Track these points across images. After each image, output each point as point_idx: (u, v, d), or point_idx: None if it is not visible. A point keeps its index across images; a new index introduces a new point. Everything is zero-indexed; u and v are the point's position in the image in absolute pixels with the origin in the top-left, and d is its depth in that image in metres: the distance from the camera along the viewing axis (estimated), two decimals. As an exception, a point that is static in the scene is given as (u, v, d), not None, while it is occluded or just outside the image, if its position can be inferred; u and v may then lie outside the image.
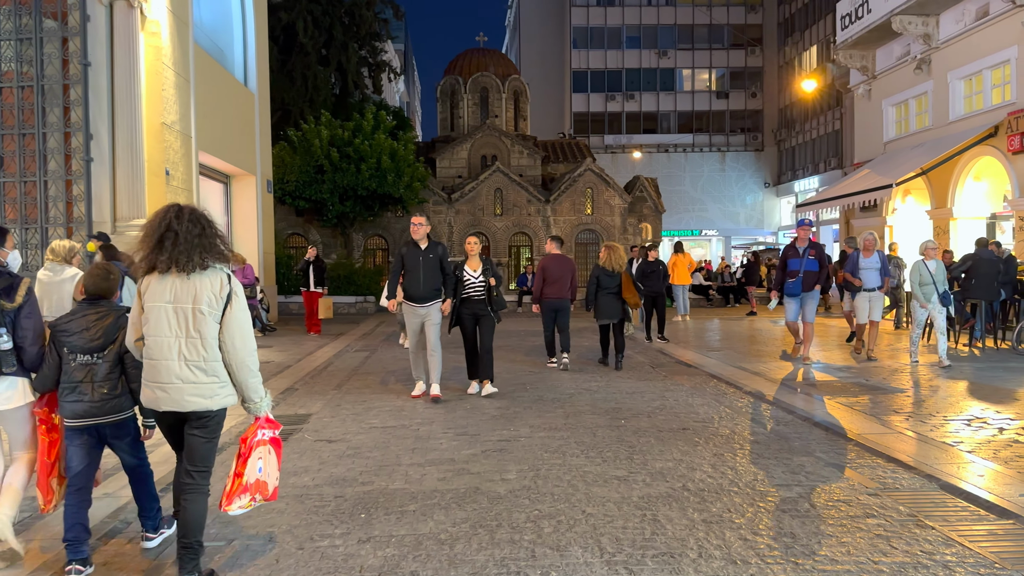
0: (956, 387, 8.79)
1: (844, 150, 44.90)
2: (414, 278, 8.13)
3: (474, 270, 8.54)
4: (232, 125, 16.25)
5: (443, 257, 8.23)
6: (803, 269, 10.27)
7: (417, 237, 8.21)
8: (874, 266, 10.90)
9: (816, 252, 10.42)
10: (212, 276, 3.60)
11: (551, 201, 27.82)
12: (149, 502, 4.09)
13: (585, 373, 10.22)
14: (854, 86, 19.54)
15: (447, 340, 9.27)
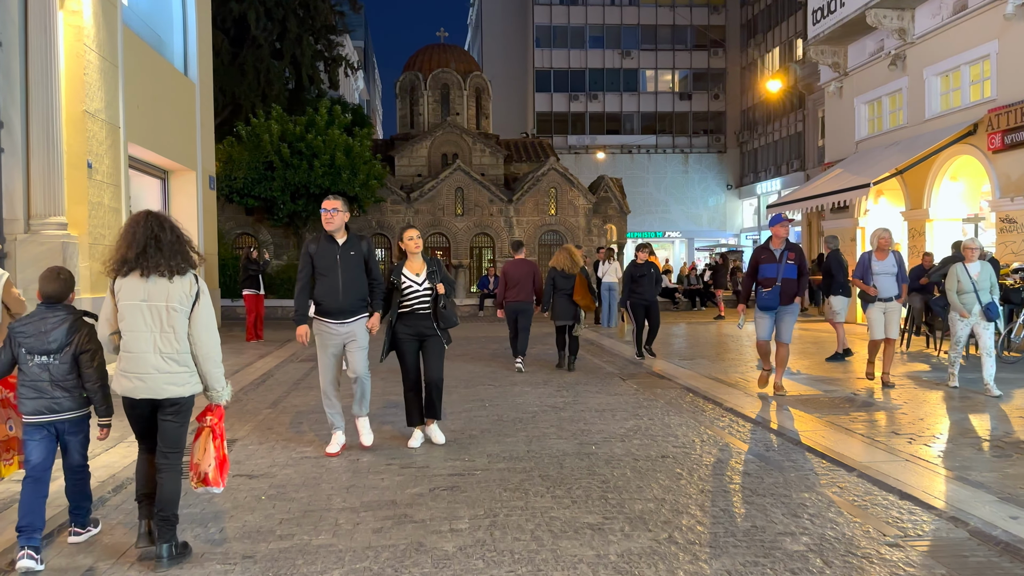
0: (943, 400, 8.09)
1: (807, 152, 44.84)
2: (329, 285, 6.00)
3: (416, 274, 6.31)
4: (170, 116, 15.06)
5: (368, 255, 6.18)
6: (780, 276, 8.04)
7: (331, 228, 6.02)
8: (890, 270, 8.86)
9: (796, 256, 8.18)
10: (183, 277, 3.96)
11: (514, 201, 26.96)
12: (83, 500, 4.29)
13: (549, 386, 9.34)
14: (824, 84, 19.00)
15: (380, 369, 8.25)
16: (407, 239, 6.34)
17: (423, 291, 6.28)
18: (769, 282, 8.14)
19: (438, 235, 26.99)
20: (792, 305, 8.21)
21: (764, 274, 8.23)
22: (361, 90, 69.78)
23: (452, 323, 6.38)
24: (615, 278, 16.87)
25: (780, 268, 8.15)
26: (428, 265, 6.39)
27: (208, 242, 17.00)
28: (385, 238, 26.69)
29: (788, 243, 8.33)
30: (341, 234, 6.09)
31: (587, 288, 10.55)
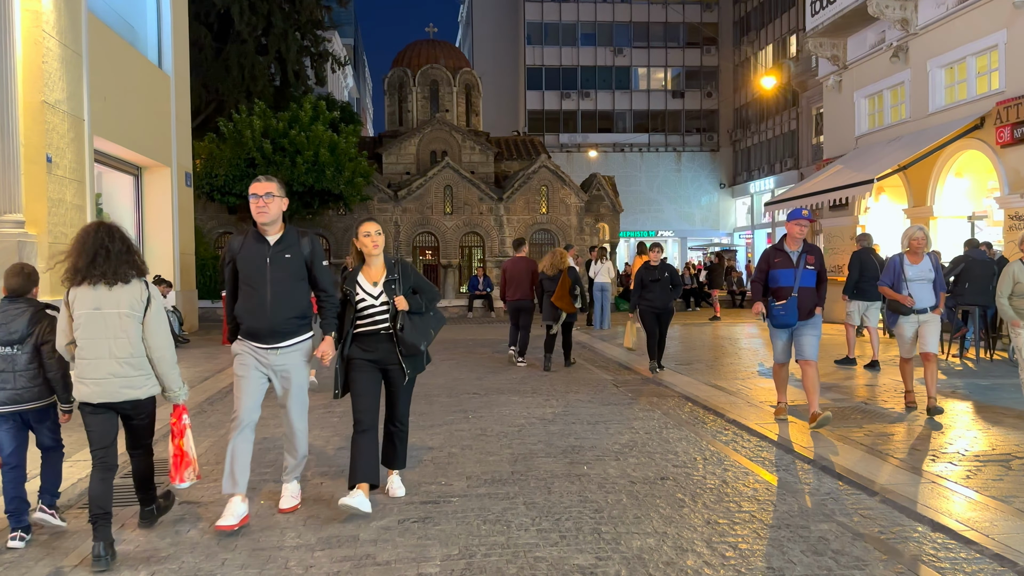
0: (969, 412, 7.51)
1: (800, 151, 44.42)
2: (254, 298, 4.46)
3: (373, 283, 4.75)
4: (142, 110, 14.39)
5: (313, 258, 4.62)
6: (798, 285, 6.72)
7: (265, 219, 4.50)
8: (925, 276, 7.28)
9: (815, 259, 6.87)
10: (133, 284, 4.09)
11: (504, 199, 26.35)
12: (55, 480, 4.48)
13: (539, 395, 8.72)
14: (823, 77, 18.44)
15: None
16: (362, 236, 4.79)
17: (380, 306, 4.72)
18: (784, 292, 6.75)
19: (426, 234, 26.35)
20: (813, 319, 6.81)
21: (778, 282, 6.80)
22: (351, 88, 69.04)
23: (414, 349, 4.71)
24: (607, 278, 16.28)
25: (797, 275, 6.74)
26: (388, 271, 4.79)
27: (184, 241, 16.32)
28: (372, 237, 26.05)
29: (806, 243, 6.90)
30: (276, 228, 4.55)
31: (565, 290, 10.50)
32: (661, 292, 9.85)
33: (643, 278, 9.91)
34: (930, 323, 7.35)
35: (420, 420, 7.38)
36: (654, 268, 9.94)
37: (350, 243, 5.33)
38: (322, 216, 25.15)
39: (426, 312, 4.86)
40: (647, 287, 9.88)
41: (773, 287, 6.89)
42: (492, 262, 26.23)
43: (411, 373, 4.82)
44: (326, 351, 4.68)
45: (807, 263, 6.80)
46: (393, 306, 4.71)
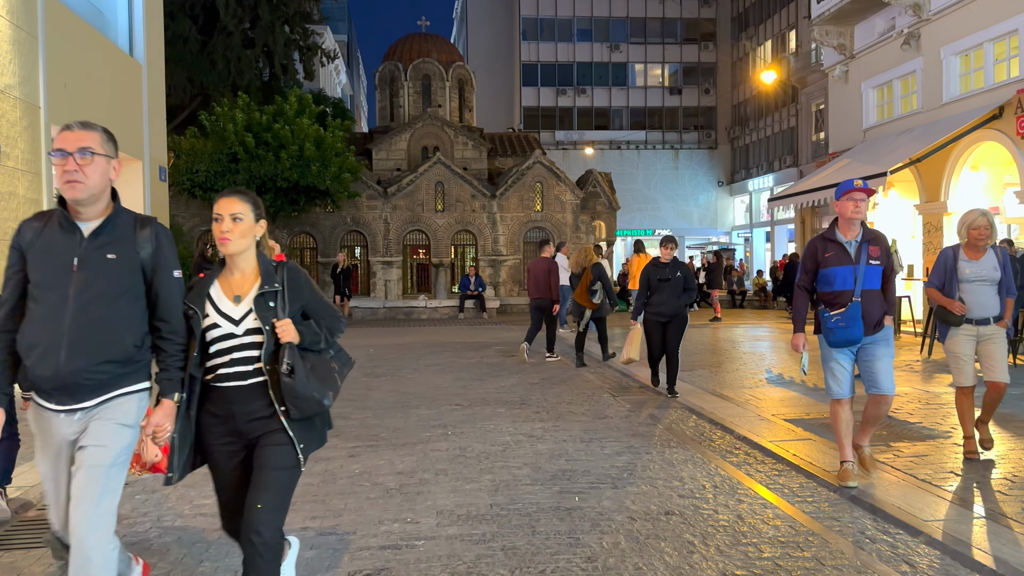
0: (1006, 425, 6.73)
1: (800, 148, 43.71)
2: (43, 320, 2.80)
3: (234, 297, 2.96)
4: (110, 99, 13.56)
5: (156, 263, 2.92)
6: (860, 286, 4.92)
7: (76, 194, 2.77)
8: (987, 275, 5.57)
9: (880, 250, 5.01)
10: None
11: (497, 196, 25.54)
12: (9, 465, 4.52)
13: (528, 407, 7.93)
14: (829, 67, 17.68)
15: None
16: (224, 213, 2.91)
17: (246, 337, 2.91)
18: (841, 298, 4.93)
19: (417, 232, 25.54)
20: (883, 331, 5.00)
21: (832, 284, 4.98)
22: (344, 84, 68.21)
23: (311, 406, 2.91)
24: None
25: (858, 272, 4.90)
26: (264, 279, 2.95)
27: (158, 239, 15.48)
28: (361, 236, 25.23)
29: (865, 229, 5.04)
30: (96, 209, 2.85)
31: (585, 287, 10.27)
32: (671, 295, 8.26)
33: (650, 278, 8.37)
34: (994, 339, 5.61)
35: (393, 437, 6.59)
36: (664, 266, 8.37)
37: (337, 242, 4.26)
38: (308, 213, 24.33)
39: (325, 350, 3.05)
40: (655, 289, 8.34)
41: (825, 292, 5.05)
42: (485, 261, 25.43)
43: (303, 449, 2.91)
44: (158, 421, 2.83)
45: (870, 256, 4.92)
46: (271, 336, 2.87)
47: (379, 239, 25.15)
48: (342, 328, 3.13)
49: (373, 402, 8.25)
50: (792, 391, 8.59)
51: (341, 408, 7.89)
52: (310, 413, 2.92)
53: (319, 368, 2.97)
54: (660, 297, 8.35)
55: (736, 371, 10.14)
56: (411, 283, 25.91)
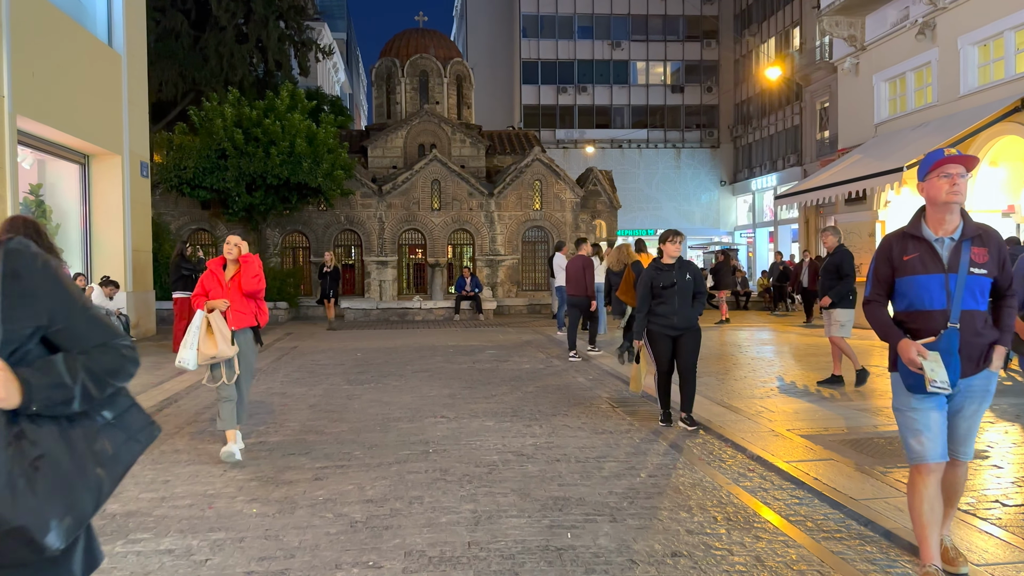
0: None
1: (804, 146, 43.04)
2: None
3: None
4: (86, 91, 12.93)
5: None
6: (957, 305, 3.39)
7: None
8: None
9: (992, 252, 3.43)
10: None
11: (495, 195, 24.88)
12: None
13: (520, 419, 7.27)
14: (839, 60, 17.00)
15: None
16: None
17: None
18: (929, 322, 3.45)
19: (413, 231, 24.88)
20: (985, 373, 3.49)
21: (914, 299, 3.50)
22: (343, 82, 67.60)
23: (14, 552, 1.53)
24: (602, 278, 14.82)
25: (955, 285, 3.39)
26: None
27: (138, 237, 14.85)
28: (355, 235, 24.56)
29: (968, 222, 3.45)
30: None
31: (630, 284, 9.65)
32: (681, 303, 6.70)
33: (653, 284, 6.79)
34: None
35: (368, 456, 5.93)
36: (668, 268, 6.75)
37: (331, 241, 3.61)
38: (301, 212, 23.68)
39: (91, 414, 1.73)
40: (658, 296, 6.77)
41: (905, 312, 3.56)
42: (482, 261, 24.77)
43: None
44: None
45: (974, 260, 3.39)
46: None
47: (374, 238, 24.50)
48: (129, 367, 1.78)
49: (352, 414, 7.60)
50: (806, 402, 7.93)
51: (315, 421, 7.25)
52: (8, 562, 1.55)
53: (55, 461, 1.60)
54: (668, 306, 6.70)
55: (744, 379, 9.48)
56: (407, 283, 25.26)
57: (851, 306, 8.77)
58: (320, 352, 12.85)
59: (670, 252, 6.81)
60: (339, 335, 15.99)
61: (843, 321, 8.80)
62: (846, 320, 8.81)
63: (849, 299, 8.77)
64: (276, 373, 10.49)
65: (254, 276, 5.96)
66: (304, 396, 8.66)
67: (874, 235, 15.55)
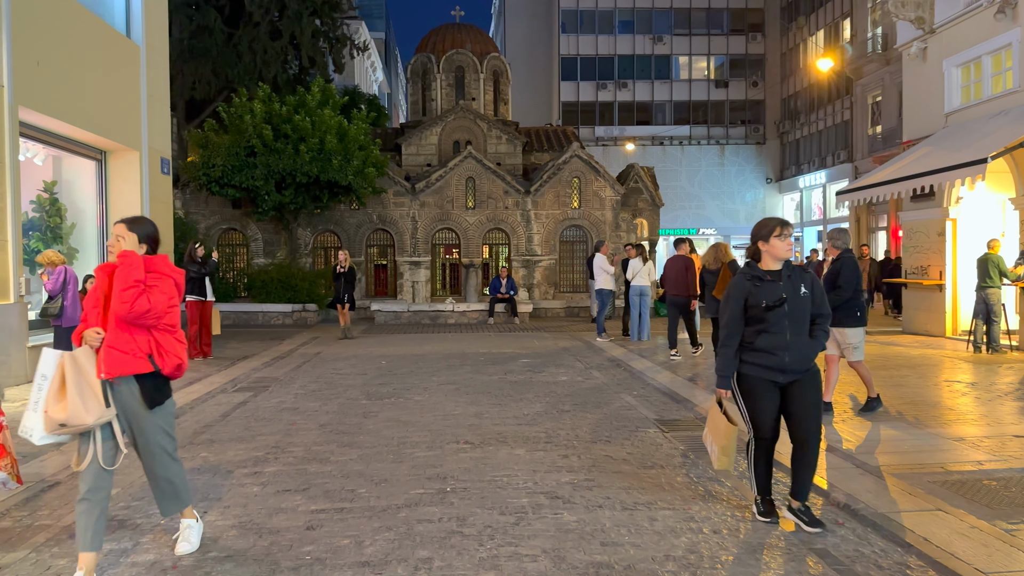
0: None
1: (855, 142, 41.28)
2: None
3: None
4: (101, 83, 12.28)
5: None
6: None
7: None
8: None
9: None
10: None
11: (532, 192, 23.92)
12: None
13: (556, 445, 6.30)
14: (903, 45, 15.68)
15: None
16: None
17: None
18: None
19: (446, 230, 24.03)
20: None
21: None
22: (380, 82, 67.29)
23: None
24: (647, 280, 13.78)
25: None
26: None
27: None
28: (387, 234, 23.80)
29: None
30: None
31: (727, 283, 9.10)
32: (795, 333, 4.35)
33: (748, 300, 4.38)
34: None
35: (374, 494, 5.02)
36: (772, 278, 4.38)
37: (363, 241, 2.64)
38: (332, 211, 22.98)
39: None
40: (757, 320, 4.37)
41: None
42: (518, 261, 23.81)
43: None
44: None
45: None
46: None
47: (406, 238, 23.72)
48: None
49: (364, 436, 6.70)
50: (892, 428, 6.83)
51: (322, 446, 6.37)
52: None
53: None
54: (773, 337, 4.32)
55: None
56: (440, 285, 24.43)
57: (861, 324, 7.50)
58: (343, 359, 12.04)
59: (777, 252, 4.35)
60: (365, 341, 15.17)
61: (855, 343, 7.49)
62: (858, 341, 7.51)
63: (857, 315, 7.48)
64: (292, 384, 9.67)
65: (129, 288, 3.67)
66: (316, 412, 7.81)
67: (944, 234, 14.26)
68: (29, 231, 12.05)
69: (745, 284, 4.42)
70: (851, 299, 7.37)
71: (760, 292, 4.36)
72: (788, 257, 4.40)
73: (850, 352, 7.49)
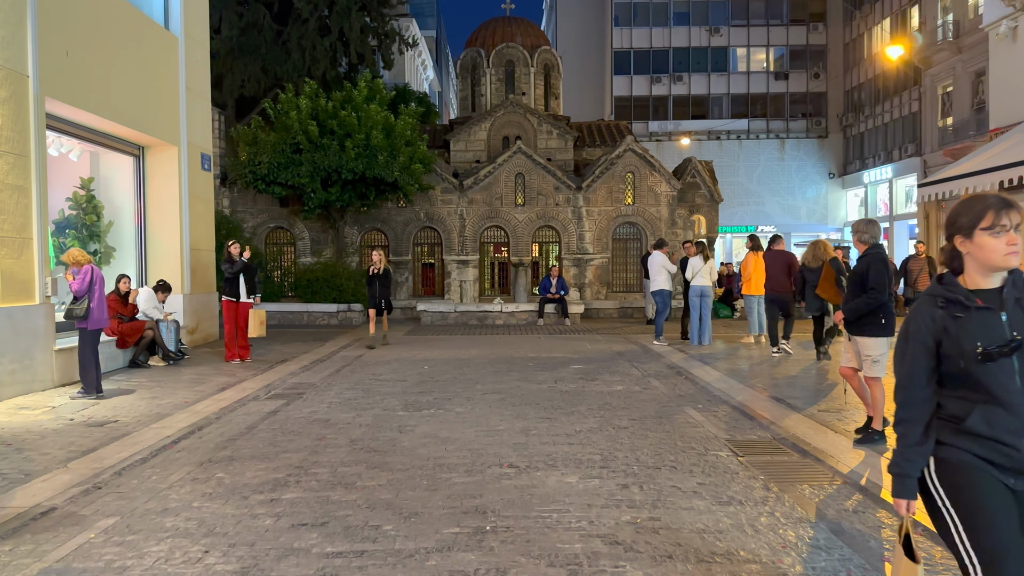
0: None
1: (923, 135, 39.28)
2: None
3: None
4: (137, 76, 11.88)
5: None
6: None
7: None
8: None
9: None
10: None
11: (583, 188, 23.04)
12: None
13: (611, 472, 5.48)
14: (990, 25, 14.38)
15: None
16: None
17: None
18: None
19: (495, 228, 23.31)
20: None
21: None
22: (432, 80, 67.05)
23: None
24: (708, 280, 12.82)
25: None
26: None
27: (198, 235, 13.79)
28: (435, 232, 23.21)
29: None
30: None
31: (832, 281, 9.66)
32: None
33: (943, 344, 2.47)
34: None
35: (401, 533, 4.28)
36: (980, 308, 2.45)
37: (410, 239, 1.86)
38: (379, 209, 22.47)
39: None
40: (963, 381, 2.45)
41: None
42: (569, 260, 22.95)
43: None
44: None
45: None
46: None
47: (454, 236, 23.08)
48: None
49: (397, 456, 5.99)
50: None
51: (350, 467, 5.67)
52: None
53: None
54: (998, 412, 2.40)
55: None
56: (489, 284, 23.73)
57: (885, 333, 6.30)
58: (384, 364, 11.39)
59: (990, 258, 2.49)
60: (408, 343, 14.54)
61: (875, 356, 6.31)
62: (879, 354, 6.30)
63: (881, 323, 6.27)
64: (328, 391, 9.04)
65: None
66: (349, 426, 7.14)
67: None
68: (66, 229, 11.71)
69: (935, 316, 2.52)
70: (882, 304, 6.27)
71: (967, 330, 2.45)
72: (1012, 265, 2.49)
73: (869, 366, 6.37)
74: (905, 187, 41.39)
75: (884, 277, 6.24)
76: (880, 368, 6.33)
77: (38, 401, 8.40)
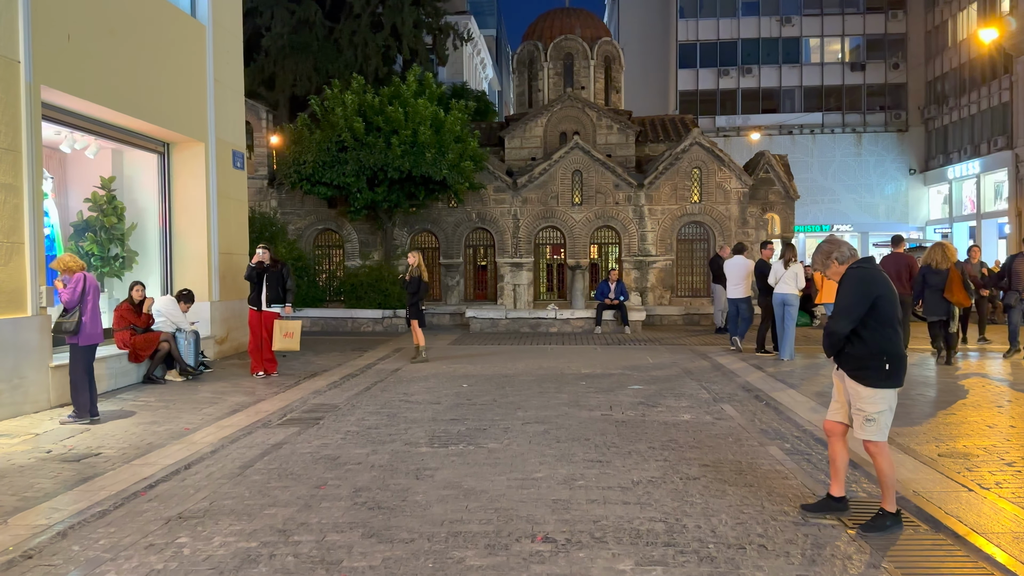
0: None
1: (1015, 126, 36.34)
2: None
3: None
4: (158, 67, 11.00)
5: None
6: None
7: None
8: None
9: None
10: None
11: (645, 186, 21.54)
12: None
13: (680, 554, 4.13)
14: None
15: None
16: None
17: None
18: None
19: (551, 229, 22.01)
20: None
21: None
22: (491, 79, 66.11)
23: None
24: (793, 287, 11.23)
25: None
26: None
27: (228, 238, 12.88)
28: (487, 233, 22.03)
29: None
30: None
31: (961, 284, 9.91)
32: None
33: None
34: None
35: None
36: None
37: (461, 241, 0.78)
38: (429, 209, 21.42)
39: None
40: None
41: None
42: (630, 262, 21.49)
43: None
44: None
45: None
46: None
47: (507, 237, 21.86)
48: None
49: (405, 518, 4.76)
50: None
51: (344, 533, 4.46)
52: None
53: None
54: None
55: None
56: (544, 288, 22.43)
57: (890, 384, 4.51)
58: (420, 380, 10.23)
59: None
60: (450, 356, 13.35)
61: (870, 412, 4.49)
62: (876, 411, 4.50)
63: (884, 369, 4.47)
64: (350, 415, 7.90)
65: None
66: (359, 467, 5.95)
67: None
68: (85, 232, 10.91)
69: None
70: (877, 340, 4.48)
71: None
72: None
73: (861, 425, 4.53)
74: (994, 183, 38.48)
75: (855, 301, 4.49)
76: (877, 430, 4.50)
77: (22, 427, 7.47)
